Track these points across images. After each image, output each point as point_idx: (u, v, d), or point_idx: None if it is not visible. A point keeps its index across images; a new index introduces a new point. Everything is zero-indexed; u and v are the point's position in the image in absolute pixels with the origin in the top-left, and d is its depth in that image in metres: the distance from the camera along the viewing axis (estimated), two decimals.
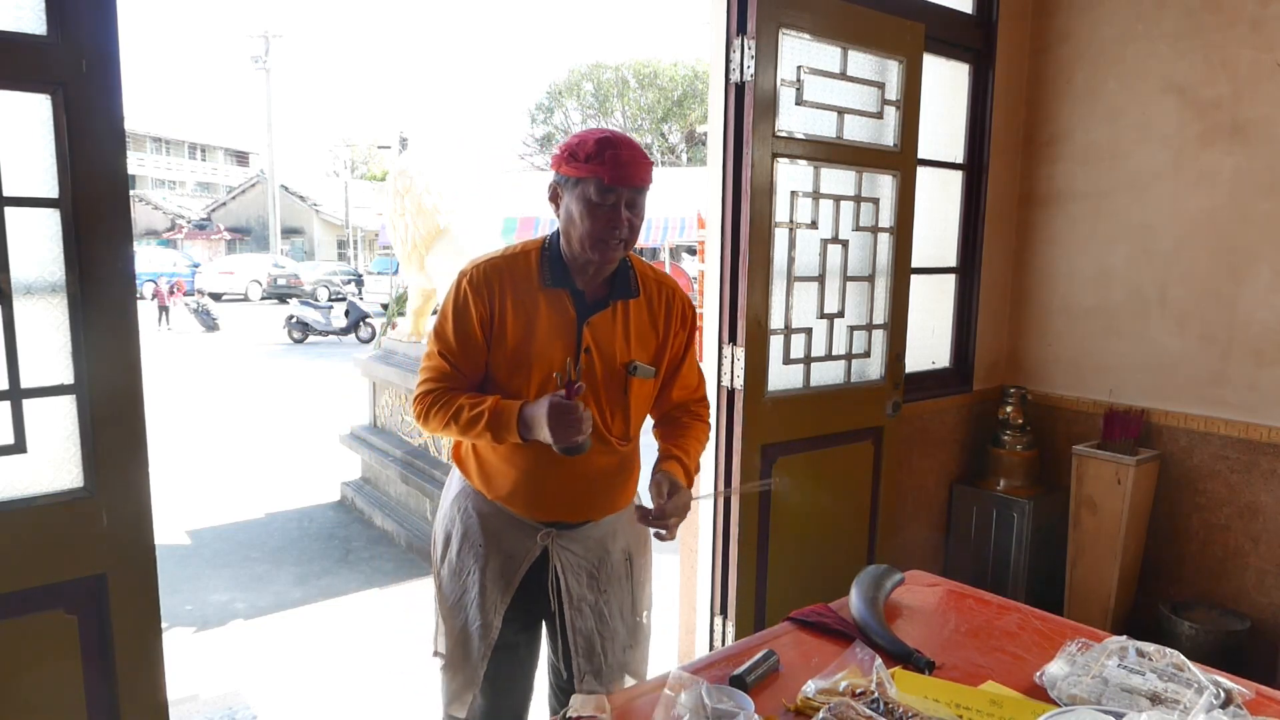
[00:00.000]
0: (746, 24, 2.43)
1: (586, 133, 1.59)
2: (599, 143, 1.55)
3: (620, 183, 1.54)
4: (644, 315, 1.70)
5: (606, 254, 1.60)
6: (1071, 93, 3.30)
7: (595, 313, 1.65)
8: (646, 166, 1.58)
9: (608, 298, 1.67)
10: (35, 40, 1.46)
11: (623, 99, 29.51)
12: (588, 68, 29.75)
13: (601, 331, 1.65)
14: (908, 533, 3.27)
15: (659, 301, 1.72)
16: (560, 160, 1.59)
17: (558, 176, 1.61)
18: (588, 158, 1.54)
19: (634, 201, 1.58)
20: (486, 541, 1.72)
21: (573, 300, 1.65)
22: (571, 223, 1.59)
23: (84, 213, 1.52)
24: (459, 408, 1.60)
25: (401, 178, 5.13)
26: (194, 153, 43.73)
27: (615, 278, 1.68)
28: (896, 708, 1.26)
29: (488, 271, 1.64)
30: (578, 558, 1.73)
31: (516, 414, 1.56)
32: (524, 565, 1.72)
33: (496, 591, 1.72)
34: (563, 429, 1.50)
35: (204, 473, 6.38)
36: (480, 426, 1.58)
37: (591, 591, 1.75)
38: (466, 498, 1.75)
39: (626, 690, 1.46)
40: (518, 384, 1.64)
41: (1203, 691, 1.28)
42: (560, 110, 30.75)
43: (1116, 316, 3.23)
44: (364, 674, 3.26)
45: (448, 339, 1.65)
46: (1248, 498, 2.94)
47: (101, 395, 1.57)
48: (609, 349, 1.66)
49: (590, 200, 1.55)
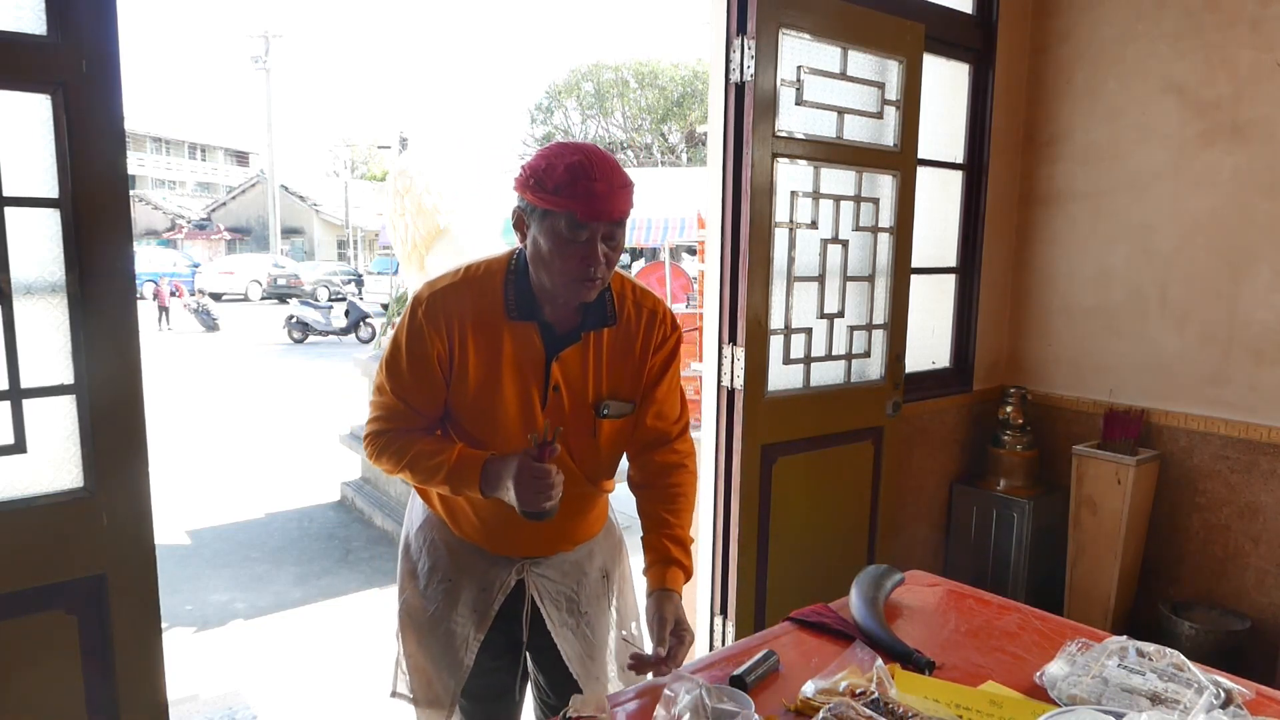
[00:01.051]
0: (746, 24, 2.43)
1: (555, 154, 1.35)
2: (570, 170, 1.32)
3: (596, 218, 1.33)
4: (620, 343, 1.51)
5: (580, 294, 1.40)
6: (1071, 93, 3.30)
7: (565, 346, 1.46)
8: (626, 195, 1.37)
9: (579, 328, 1.47)
10: (35, 40, 1.46)
11: (623, 99, 29.50)
12: (588, 68, 29.75)
13: (572, 367, 1.48)
14: (908, 533, 3.27)
15: (637, 325, 1.52)
16: (524, 185, 1.36)
17: (522, 203, 1.39)
18: (557, 189, 1.32)
19: (611, 234, 1.37)
20: (457, 575, 1.60)
21: (540, 334, 1.46)
22: (540, 258, 1.39)
23: (84, 213, 1.52)
24: (416, 454, 1.45)
25: (401, 178, 5.13)
26: (194, 153, 43.74)
27: (589, 305, 1.47)
28: (896, 708, 1.26)
29: (447, 298, 1.44)
30: (555, 584, 1.63)
31: (480, 470, 1.40)
32: (499, 596, 1.60)
33: (470, 625, 1.60)
34: (530, 493, 1.35)
35: (204, 473, 6.38)
36: (439, 478, 1.43)
37: (572, 616, 1.65)
38: (433, 528, 1.63)
39: (626, 690, 1.46)
40: (481, 426, 1.48)
41: (1203, 691, 1.28)
42: (560, 110, 30.75)
43: (1116, 316, 3.23)
44: (364, 674, 3.26)
45: (401, 374, 1.46)
46: (1248, 498, 2.94)
47: (101, 395, 1.57)
48: (579, 385, 1.49)
49: (561, 236, 1.34)
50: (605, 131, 30.70)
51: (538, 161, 1.36)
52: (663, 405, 1.58)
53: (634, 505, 1.63)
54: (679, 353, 1.60)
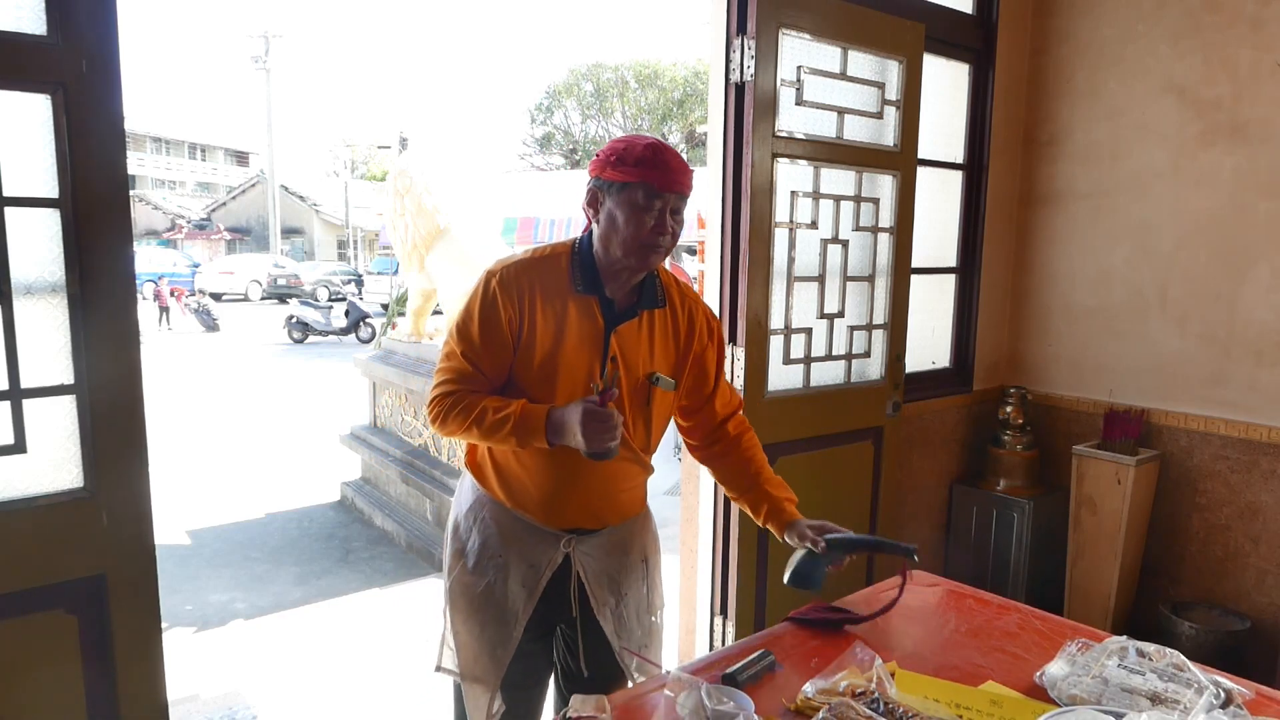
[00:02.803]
0: (746, 24, 2.43)
1: (632, 138, 1.56)
2: (649, 148, 1.53)
3: (669, 189, 1.53)
4: (669, 327, 1.68)
5: (649, 259, 1.57)
6: (1071, 92, 3.30)
7: (623, 321, 1.61)
8: (691, 175, 1.57)
9: (636, 306, 1.63)
10: (35, 40, 1.46)
11: (623, 99, 29.50)
12: (588, 68, 29.74)
13: (628, 341, 1.62)
14: (908, 533, 3.27)
15: (683, 314, 1.70)
16: (603, 164, 1.56)
17: (598, 181, 1.58)
18: (637, 162, 1.52)
19: (678, 208, 1.57)
20: (506, 551, 1.67)
21: (601, 308, 1.61)
22: (614, 228, 1.55)
23: (84, 213, 1.52)
24: (483, 410, 1.54)
25: (401, 178, 5.13)
26: (194, 153, 43.75)
27: (643, 286, 1.64)
28: (896, 708, 1.26)
29: (518, 272, 1.59)
30: (599, 563, 1.71)
31: (545, 418, 1.52)
32: (547, 573, 1.67)
33: (519, 601, 1.68)
34: (595, 434, 1.47)
35: (204, 473, 6.38)
36: (506, 430, 1.52)
37: (612, 595, 1.73)
38: (483, 507, 1.70)
39: (626, 690, 1.46)
40: (544, 390, 1.59)
41: (1203, 691, 1.28)
42: (560, 110, 30.73)
43: (1116, 316, 3.23)
44: (364, 674, 3.26)
45: (472, 339, 1.58)
46: (1248, 498, 2.94)
47: (101, 395, 1.57)
48: (634, 359, 1.63)
49: (637, 205, 1.52)
50: (605, 131, 30.69)
51: (616, 145, 1.56)
52: (724, 393, 1.80)
53: None
54: (724, 345, 1.82)
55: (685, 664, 1.46)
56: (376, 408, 5.56)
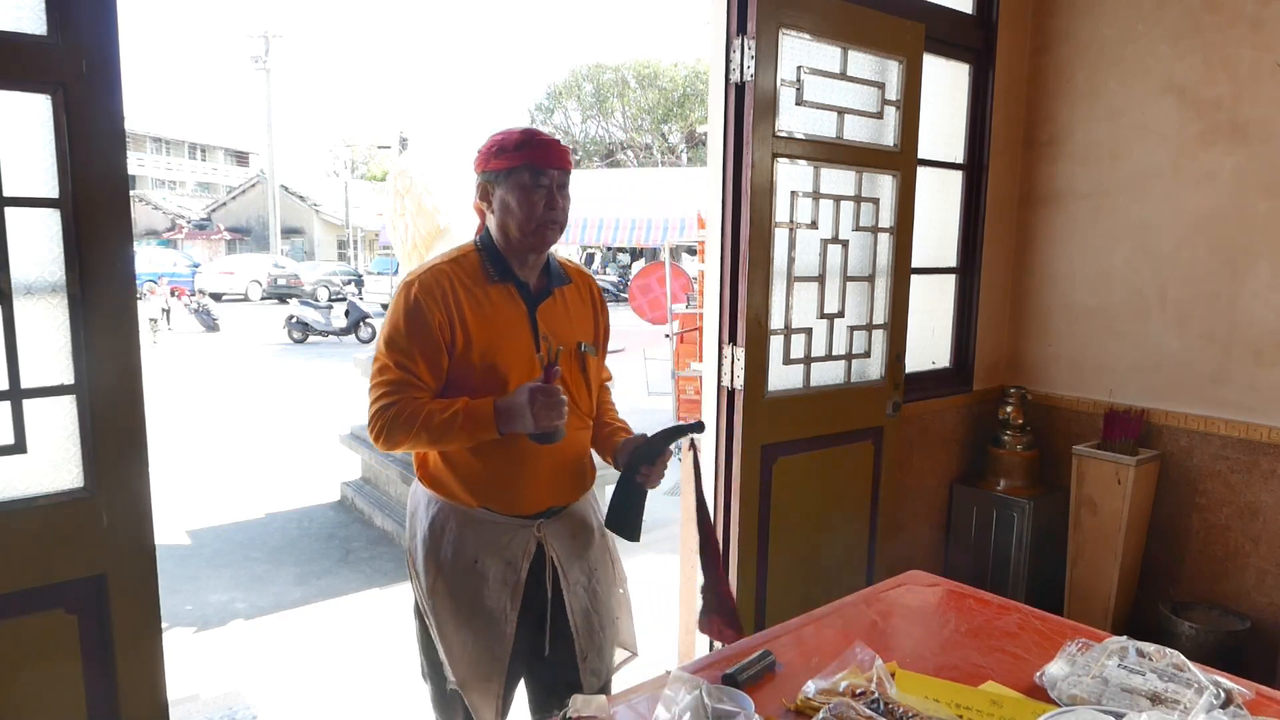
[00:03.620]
0: (746, 24, 2.43)
1: (504, 131, 1.66)
2: (524, 132, 1.65)
3: (550, 164, 1.63)
4: (578, 300, 1.80)
5: (546, 236, 1.66)
6: (1071, 92, 3.30)
7: (542, 300, 1.72)
8: (568, 153, 1.69)
9: (549, 286, 1.74)
10: (35, 40, 1.46)
11: (623, 99, 29.49)
12: (588, 68, 29.74)
13: (552, 317, 1.72)
14: (908, 533, 3.27)
15: (584, 287, 1.83)
16: (486, 158, 1.65)
17: (485, 175, 1.67)
18: (517, 146, 1.62)
19: (564, 184, 1.67)
20: (480, 554, 1.69)
21: (520, 292, 1.69)
22: (509, 213, 1.64)
23: (84, 213, 1.52)
24: (428, 413, 1.56)
25: (401, 178, 5.13)
26: (194, 153, 43.74)
27: (549, 268, 1.75)
28: (896, 708, 1.26)
29: (437, 276, 1.64)
30: (569, 543, 1.76)
31: (492, 409, 1.56)
32: (525, 564, 1.70)
33: (504, 599, 1.69)
34: (544, 411, 1.52)
35: (204, 473, 6.38)
36: (456, 427, 1.56)
37: (584, 574, 1.78)
38: (449, 517, 1.71)
39: (626, 690, 1.46)
40: (492, 381, 1.63)
41: (1203, 692, 1.28)
42: (560, 110, 30.73)
43: (1116, 316, 3.23)
44: (364, 674, 3.26)
45: (402, 348, 1.60)
46: (1248, 498, 2.94)
47: (101, 395, 1.57)
48: (563, 332, 1.72)
49: (525, 186, 1.62)
50: (605, 131, 30.69)
51: (494, 138, 1.67)
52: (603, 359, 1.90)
53: None
54: None
55: (685, 664, 1.46)
56: None
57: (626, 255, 29.96)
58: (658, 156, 29.44)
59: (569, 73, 30.47)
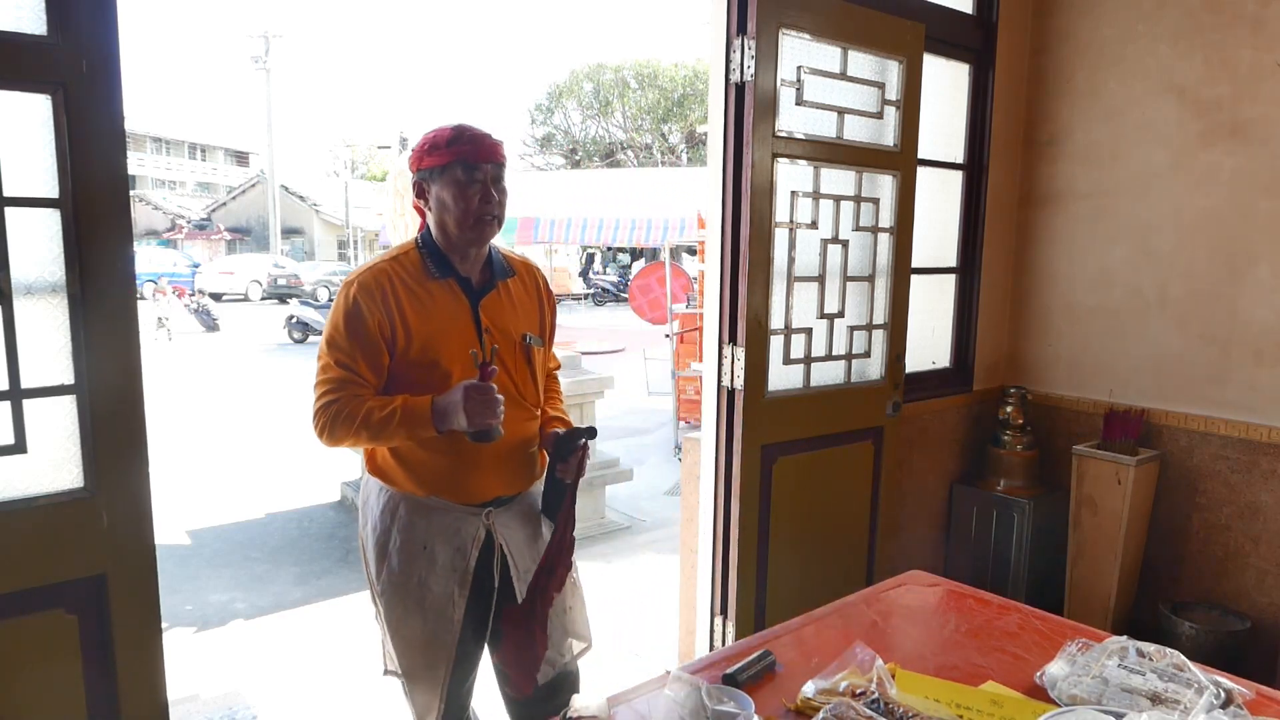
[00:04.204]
0: (746, 24, 2.43)
1: (435, 129, 1.68)
2: (455, 129, 1.67)
3: (483, 159, 1.65)
4: (523, 292, 1.82)
5: (483, 230, 1.68)
6: (1071, 93, 3.30)
7: (484, 295, 1.73)
8: (502, 146, 1.71)
9: (492, 280, 1.76)
10: (35, 40, 1.46)
11: (623, 99, 29.49)
12: (588, 68, 29.75)
13: (495, 311, 1.74)
14: (908, 533, 3.27)
15: (529, 279, 1.85)
16: (420, 156, 1.68)
17: (420, 173, 1.69)
18: (449, 143, 1.64)
19: (498, 177, 1.69)
20: (430, 540, 1.72)
21: (462, 287, 1.71)
22: (445, 209, 1.67)
23: (84, 213, 1.52)
24: (367, 411, 1.60)
25: (401, 178, 5.13)
26: (194, 153, 43.73)
27: (491, 262, 1.77)
28: (896, 708, 1.26)
29: (376, 276, 1.66)
30: (517, 531, 1.79)
31: (429, 406, 1.59)
32: (474, 551, 1.73)
33: (453, 584, 1.72)
34: (479, 411, 1.55)
35: (204, 473, 6.38)
36: (394, 424, 1.59)
37: (532, 561, 1.80)
38: (398, 505, 1.74)
39: (626, 690, 1.46)
40: (432, 377, 1.66)
41: (1203, 691, 1.28)
42: (560, 110, 30.73)
43: (1116, 316, 3.23)
44: (364, 674, 3.26)
45: (342, 347, 1.63)
46: (1248, 498, 2.94)
47: (101, 395, 1.57)
48: (507, 325, 1.75)
49: (459, 180, 1.64)
50: (605, 131, 30.69)
51: (426, 137, 1.69)
52: (550, 353, 1.95)
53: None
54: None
55: (685, 664, 1.46)
56: None
57: (626, 255, 29.96)
58: (658, 156, 29.44)
59: (569, 73, 30.49)
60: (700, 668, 1.47)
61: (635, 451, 6.91)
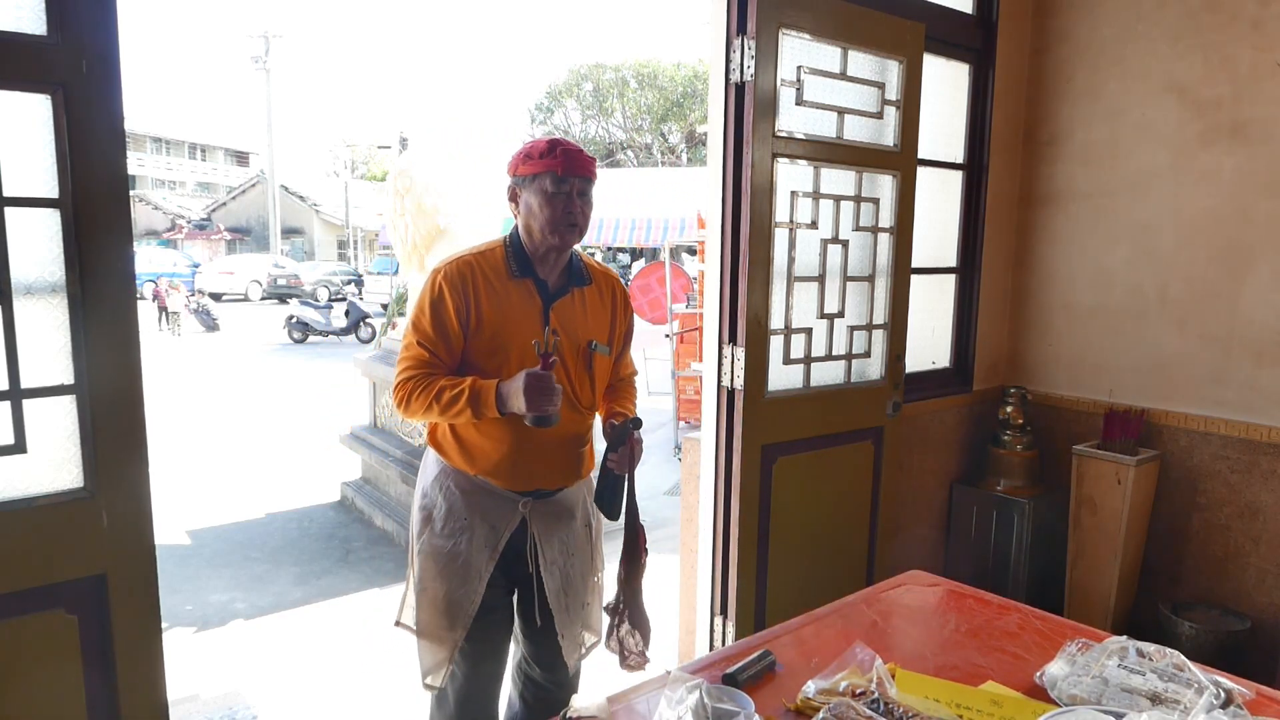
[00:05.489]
0: (746, 24, 2.43)
1: (537, 139, 1.83)
2: (550, 143, 1.80)
3: (571, 173, 1.78)
4: (597, 301, 1.93)
5: (565, 238, 1.80)
6: (1071, 92, 3.30)
7: (558, 299, 1.86)
8: (592, 162, 1.84)
9: (567, 285, 1.88)
10: (35, 40, 1.46)
11: (623, 99, 29.49)
12: (588, 68, 29.74)
13: (565, 315, 1.86)
14: (908, 533, 3.27)
15: (606, 289, 1.97)
16: (517, 163, 1.82)
17: (515, 179, 1.84)
18: (542, 154, 1.78)
19: (584, 191, 1.81)
20: (470, 515, 1.86)
21: (538, 289, 1.85)
22: (532, 214, 1.81)
23: (84, 213, 1.52)
24: (439, 389, 1.75)
25: (401, 178, 5.12)
26: (194, 153, 43.73)
27: (570, 268, 1.90)
28: (896, 708, 1.26)
29: (461, 268, 1.82)
30: (550, 525, 1.91)
31: (494, 389, 1.72)
32: (506, 534, 1.87)
33: (482, 558, 1.86)
34: (537, 398, 1.67)
35: (204, 473, 6.38)
36: (461, 404, 1.73)
37: (561, 555, 1.93)
38: (448, 477, 1.89)
39: (626, 690, 1.46)
40: (497, 364, 1.80)
41: (1203, 691, 1.28)
42: (560, 110, 30.73)
43: (1116, 316, 3.23)
44: (364, 674, 3.26)
45: (425, 330, 1.80)
46: (1248, 498, 2.94)
47: (101, 395, 1.57)
48: (573, 329, 1.86)
49: (547, 191, 1.78)
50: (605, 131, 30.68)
51: (524, 146, 1.83)
52: (626, 359, 2.08)
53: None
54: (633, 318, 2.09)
55: (685, 664, 1.46)
56: (376, 408, 5.55)
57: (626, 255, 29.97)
58: (658, 156, 29.44)
59: (569, 72, 30.46)
60: (700, 668, 1.47)
61: None
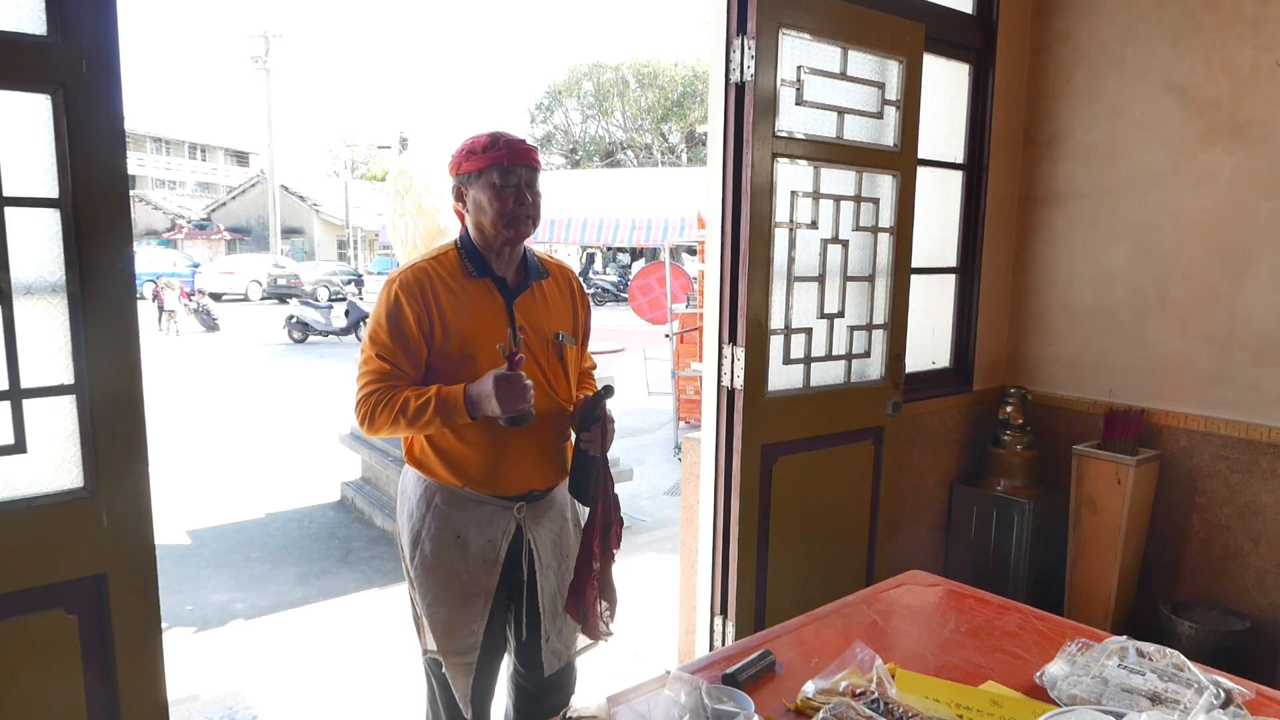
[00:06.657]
0: (746, 24, 2.43)
1: (474, 136, 1.78)
2: (492, 136, 1.77)
3: (516, 163, 1.75)
4: (556, 293, 1.91)
5: (520, 229, 1.77)
6: (1071, 92, 3.30)
7: (519, 294, 1.83)
8: (535, 151, 1.81)
9: (526, 280, 1.85)
10: (35, 40, 1.46)
11: (623, 99, 29.49)
12: (588, 68, 29.73)
13: (529, 309, 1.83)
14: (908, 533, 3.27)
15: (563, 281, 1.95)
16: (459, 161, 1.79)
17: (459, 178, 1.80)
18: (485, 149, 1.75)
19: (531, 181, 1.78)
20: (463, 529, 1.81)
21: (497, 286, 1.81)
22: (482, 210, 1.77)
23: (84, 213, 1.52)
24: (404, 400, 1.69)
25: (401, 178, 5.12)
26: (194, 153, 43.74)
27: (526, 264, 1.86)
28: (896, 708, 1.26)
29: (417, 275, 1.76)
30: (545, 529, 1.89)
31: (462, 393, 1.68)
32: (504, 543, 1.82)
33: (483, 573, 1.81)
34: (509, 397, 1.63)
35: (204, 473, 6.38)
36: (429, 413, 1.67)
37: (555, 559, 1.90)
38: (434, 494, 1.83)
39: (626, 690, 1.46)
40: (468, 369, 1.75)
41: (1203, 691, 1.28)
42: (560, 110, 30.73)
43: (1117, 316, 3.23)
44: (364, 674, 3.26)
45: (384, 341, 1.73)
46: (1248, 498, 2.94)
47: (101, 395, 1.57)
48: (539, 323, 1.83)
49: (495, 185, 1.74)
50: (605, 131, 30.69)
51: (464, 144, 1.79)
52: (585, 352, 2.04)
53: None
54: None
55: (685, 664, 1.46)
56: None
57: (626, 255, 29.97)
58: (658, 156, 29.44)
59: (569, 72, 30.46)
60: (700, 667, 1.47)
61: (635, 451, 6.91)
